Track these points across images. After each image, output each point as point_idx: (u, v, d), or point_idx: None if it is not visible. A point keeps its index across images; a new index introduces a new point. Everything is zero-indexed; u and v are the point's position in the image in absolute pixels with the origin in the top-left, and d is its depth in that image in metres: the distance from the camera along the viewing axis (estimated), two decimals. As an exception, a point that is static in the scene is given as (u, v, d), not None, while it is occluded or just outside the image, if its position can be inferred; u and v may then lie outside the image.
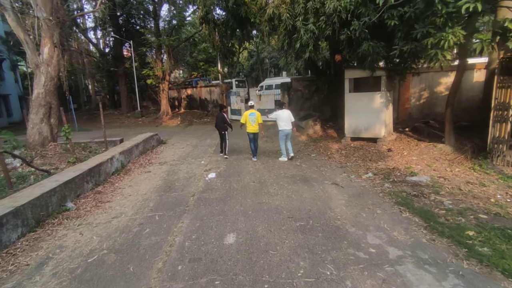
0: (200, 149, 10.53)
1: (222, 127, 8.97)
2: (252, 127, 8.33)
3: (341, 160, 7.76)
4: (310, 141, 10.57)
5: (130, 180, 7.11)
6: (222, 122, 8.97)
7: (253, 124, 8.31)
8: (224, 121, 8.97)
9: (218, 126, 9.04)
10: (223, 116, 9.03)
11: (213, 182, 6.58)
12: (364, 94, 8.81)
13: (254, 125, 8.31)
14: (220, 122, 8.99)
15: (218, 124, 9.04)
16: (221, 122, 8.98)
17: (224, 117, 9.04)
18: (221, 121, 8.98)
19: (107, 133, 17.61)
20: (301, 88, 16.01)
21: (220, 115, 9.11)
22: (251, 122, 8.34)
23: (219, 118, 9.07)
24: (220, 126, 8.99)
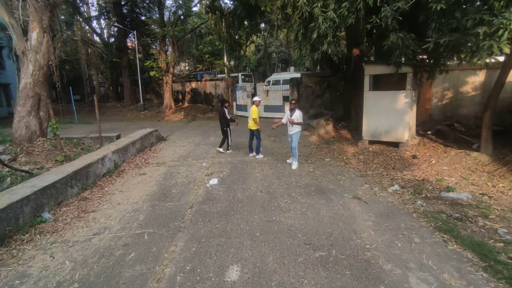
0: (203, 148, 9.71)
1: (222, 123, 8.82)
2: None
3: (359, 167, 6.88)
4: (322, 143, 9.69)
5: (122, 183, 6.31)
6: (223, 118, 8.76)
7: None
8: (224, 117, 8.70)
9: (220, 122, 8.94)
10: (223, 111, 8.77)
11: (215, 190, 5.75)
12: (386, 93, 7.88)
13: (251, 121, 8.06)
14: (221, 118, 8.82)
15: (220, 119, 8.93)
16: (221, 118, 8.81)
17: (225, 112, 8.73)
18: (222, 117, 8.80)
19: (107, 126, 16.98)
20: (312, 84, 15.07)
21: (221, 110, 8.93)
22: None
23: (220, 114, 8.95)
24: (221, 121, 8.88)
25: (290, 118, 6.96)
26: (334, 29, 6.50)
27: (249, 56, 45.69)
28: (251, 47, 41.48)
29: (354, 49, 9.38)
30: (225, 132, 8.77)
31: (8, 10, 7.34)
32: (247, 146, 8.31)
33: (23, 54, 7.62)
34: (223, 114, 8.73)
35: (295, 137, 7.03)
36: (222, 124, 8.80)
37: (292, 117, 6.94)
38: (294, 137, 7.04)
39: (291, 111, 7.03)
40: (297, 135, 7.08)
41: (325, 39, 6.62)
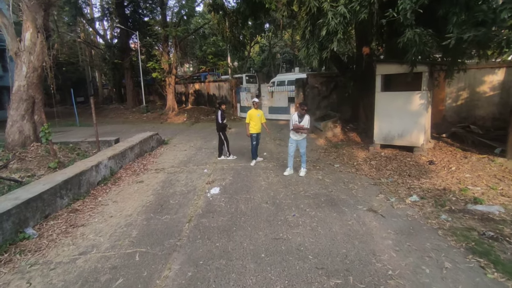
0: (205, 152, 9.27)
1: (217, 127, 8.21)
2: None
3: (372, 174, 6.38)
4: (330, 147, 9.18)
5: (118, 193, 5.89)
6: (216, 121, 8.20)
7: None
8: (216, 121, 8.12)
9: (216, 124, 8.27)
10: (217, 114, 8.14)
11: (216, 200, 5.30)
12: (399, 94, 7.37)
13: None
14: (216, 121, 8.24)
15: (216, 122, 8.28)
16: (216, 121, 8.23)
17: (217, 115, 8.08)
18: (216, 120, 8.22)
19: (108, 129, 16.65)
20: (318, 85, 14.57)
21: (216, 112, 8.32)
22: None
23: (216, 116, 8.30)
24: (217, 124, 8.22)
25: (299, 124, 6.33)
26: (345, 26, 6.02)
27: (253, 57, 45.31)
28: (255, 47, 41.07)
29: (363, 47, 8.86)
30: (219, 138, 8.17)
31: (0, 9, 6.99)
32: (250, 150, 7.84)
33: (16, 55, 7.27)
34: (216, 117, 8.16)
35: (303, 143, 6.50)
36: (217, 129, 8.23)
37: (302, 123, 6.33)
38: (302, 143, 6.48)
39: (300, 116, 6.38)
40: (305, 141, 6.58)
41: (334, 37, 6.14)
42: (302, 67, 43.46)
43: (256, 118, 7.33)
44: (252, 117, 7.36)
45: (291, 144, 6.57)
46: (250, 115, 7.39)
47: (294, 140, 6.52)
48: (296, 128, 6.33)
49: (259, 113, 7.39)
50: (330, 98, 14.21)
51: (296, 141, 6.50)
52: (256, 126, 7.36)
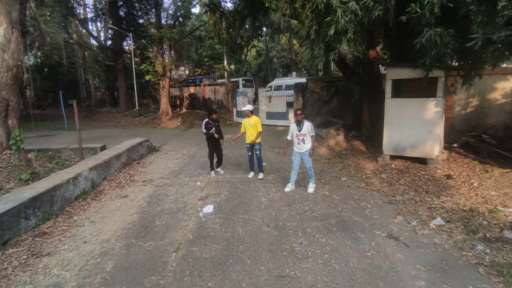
0: (198, 161, 8.54)
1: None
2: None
3: (384, 190, 5.71)
4: (334, 156, 8.52)
5: (97, 210, 5.14)
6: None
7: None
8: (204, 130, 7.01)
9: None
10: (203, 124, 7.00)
11: (210, 221, 4.58)
12: (412, 100, 6.75)
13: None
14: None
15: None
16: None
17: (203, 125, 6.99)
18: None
19: (98, 134, 15.82)
20: (318, 90, 13.97)
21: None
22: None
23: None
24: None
25: (300, 133, 5.64)
26: (356, 24, 5.38)
27: (250, 61, 44.84)
28: (252, 51, 40.61)
29: (370, 50, 8.27)
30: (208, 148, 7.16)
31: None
32: (247, 160, 7.13)
33: (-12, 53, 6.51)
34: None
35: (308, 156, 5.69)
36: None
37: (302, 131, 5.62)
38: (307, 157, 5.67)
39: (298, 124, 5.66)
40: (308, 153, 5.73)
41: (344, 36, 5.50)
42: (299, 71, 43.14)
43: (247, 127, 6.64)
44: (243, 126, 6.71)
45: (294, 158, 5.80)
46: (243, 124, 6.76)
47: (298, 153, 5.72)
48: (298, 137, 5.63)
49: (250, 122, 6.57)
50: (331, 103, 13.61)
51: (300, 153, 5.70)
52: (249, 136, 6.63)
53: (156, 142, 11.88)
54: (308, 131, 5.62)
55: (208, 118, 7.00)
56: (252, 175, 6.80)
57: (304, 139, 5.63)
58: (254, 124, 6.54)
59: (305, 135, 5.61)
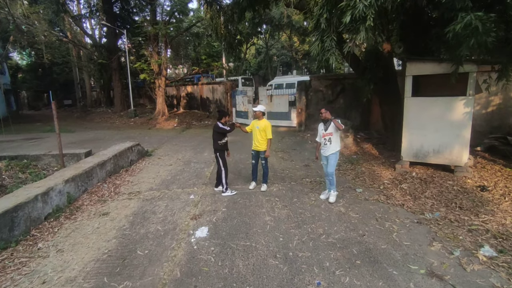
0: (194, 168, 7.69)
1: (213, 147, 5.74)
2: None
3: (409, 205, 4.87)
4: (344, 162, 7.68)
5: (69, 233, 4.29)
6: (215, 137, 5.64)
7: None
8: (218, 137, 5.61)
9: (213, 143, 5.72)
10: (216, 127, 5.63)
11: (203, 250, 3.73)
12: (436, 99, 5.90)
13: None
14: (213, 137, 5.68)
15: (213, 140, 5.70)
16: (213, 137, 5.67)
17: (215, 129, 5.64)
18: (214, 136, 5.66)
19: (90, 136, 14.94)
20: (323, 88, 13.13)
21: (215, 125, 5.69)
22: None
23: (213, 130, 5.72)
24: (214, 143, 5.70)
25: (325, 132, 5.08)
26: (376, 10, 4.53)
27: (249, 59, 43.95)
28: (251, 49, 39.73)
29: (384, 43, 7.42)
30: (217, 161, 5.69)
31: None
32: (248, 167, 6.30)
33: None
34: (217, 133, 5.61)
35: (332, 159, 5.04)
36: (215, 149, 5.71)
37: (328, 130, 5.04)
38: (331, 159, 5.04)
39: (325, 123, 5.14)
40: (335, 156, 5.07)
41: (362, 24, 4.64)
42: (300, 69, 42.25)
43: (254, 130, 5.73)
44: (252, 127, 5.84)
45: (322, 162, 5.35)
46: (252, 124, 5.87)
47: (324, 157, 5.21)
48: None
49: (259, 125, 5.62)
50: (336, 103, 12.77)
51: (326, 157, 5.15)
52: (256, 142, 5.72)
53: (149, 145, 11.04)
54: (336, 130, 5.01)
55: (219, 122, 5.66)
56: (253, 186, 5.95)
57: (331, 138, 5.03)
58: (263, 128, 5.58)
59: (331, 134, 5.02)
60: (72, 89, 34.77)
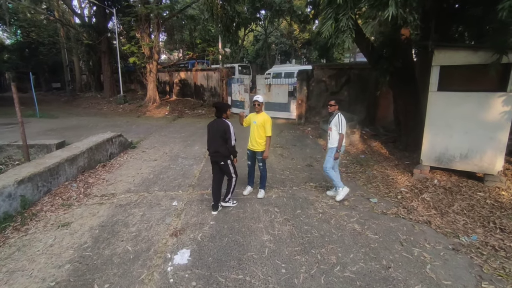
0: (181, 165, 6.75)
1: (219, 151, 4.20)
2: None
3: (436, 222, 4.01)
4: (351, 162, 6.81)
5: (10, 254, 3.35)
6: (221, 139, 4.16)
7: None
8: (224, 139, 4.15)
9: (212, 147, 4.24)
10: (223, 126, 4.15)
11: (182, 285, 2.84)
12: (468, 95, 4.99)
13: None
14: (216, 139, 4.18)
15: (212, 143, 4.24)
16: (218, 139, 4.17)
17: (226, 128, 4.12)
18: (219, 137, 4.16)
19: (73, 123, 13.80)
20: (326, 79, 12.16)
21: (218, 123, 4.22)
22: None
23: (214, 130, 4.21)
24: (215, 147, 4.20)
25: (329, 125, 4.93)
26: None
27: (247, 46, 42.51)
28: (249, 36, 38.29)
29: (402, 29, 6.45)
30: (227, 169, 4.30)
31: None
32: (243, 166, 5.38)
33: None
34: (222, 132, 4.14)
35: (327, 154, 4.88)
36: (217, 155, 4.22)
37: (330, 124, 4.87)
38: (327, 154, 4.90)
39: (331, 116, 4.97)
40: (331, 152, 4.82)
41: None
42: (299, 59, 40.99)
43: (251, 125, 4.76)
44: (248, 121, 4.89)
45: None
46: (248, 118, 4.92)
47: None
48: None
49: (256, 120, 4.65)
50: (340, 95, 11.82)
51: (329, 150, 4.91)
52: (252, 139, 4.75)
53: (135, 135, 10.05)
54: (335, 125, 4.76)
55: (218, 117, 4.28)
56: (249, 191, 5.04)
57: (330, 134, 4.84)
58: (261, 123, 4.60)
59: (331, 129, 4.82)
60: (61, 71, 33.24)
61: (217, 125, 4.22)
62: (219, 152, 4.20)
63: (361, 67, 11.24)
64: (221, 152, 4.20)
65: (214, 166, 4.38)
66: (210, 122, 4.35)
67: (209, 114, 15.61)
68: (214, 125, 4.26)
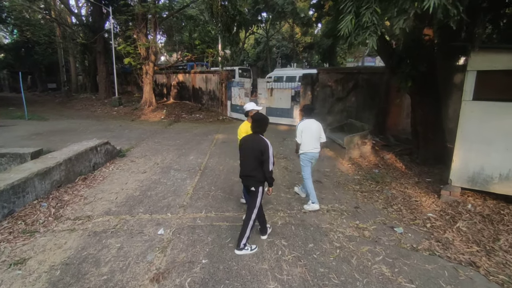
0: (173, 179, 5.96)
1: (252, 176, 3.41)
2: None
3: (484, 265, 3.22)
4: (365, 178, 6.03)
5: None
6: (256, 161, 3.37)
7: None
8: (260, 161, 3.35)
9: (244, 169, 3.49)
10: (261, 145, 3.35)
11: None
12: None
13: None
14: (250, 160, 3.41)
15: (245, 164, 3.49)
16: (252, 160, 3.40)
17: (264, 148, 3.32)
18: (253, 159, 3.39)
19: (62, 125, 12.97)
20: (332, 83, 11.42)
21: (254, 140, 3.44)
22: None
23: (249, 148, 3.44)
24: (248, 170, 3.43)
25: None
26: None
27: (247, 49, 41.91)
28: (250, 38, 37.68)
29: (426, 28, 5.71)
30: (254, 198, 3.44)
31: None
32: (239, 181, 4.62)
33: None
34: (260, 151, 3.33)
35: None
36: (251, 180, 3.44)
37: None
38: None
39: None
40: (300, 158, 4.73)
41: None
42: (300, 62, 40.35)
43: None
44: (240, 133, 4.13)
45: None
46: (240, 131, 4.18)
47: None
48: None
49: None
50: (346, 101, 11.08)
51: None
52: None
53: (126, 141, 9.28)
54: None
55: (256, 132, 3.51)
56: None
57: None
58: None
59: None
60: (57, 72, 32.49)
61: (253, 142, 3.42)
62: (252, 177, 3.41)
63: (371, 71, 10.52)
64: (255, 176, 3.40)
65: (246, 189, 3.80)
66: (245, 137, 3.60)
67: (207, 119, 14.85)
68: (249, 141, 3.48)
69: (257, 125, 3.48)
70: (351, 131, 8.78)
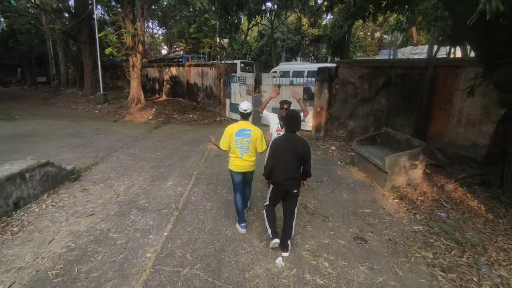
0: (131, 230, 3.75)
1: (296, 178, 3.18)
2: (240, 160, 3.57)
3: None
4: (431, 232, 3.79)
5: None
6: (298, 162, 3.17)
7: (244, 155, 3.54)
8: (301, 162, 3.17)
9: (287, 172, 3.14)
10: (303, 145, 3.14)
11: None
12: None
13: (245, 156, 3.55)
14: (293, 162, 3.14)
15: (287, 167, 3.14)
16: (295, 162, 3.15)
17: (307, 148, 3.15)
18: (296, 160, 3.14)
19: (29, 128, 10.72)
20: (355, 80, 9.13)
21: (293, 140, 3.19)
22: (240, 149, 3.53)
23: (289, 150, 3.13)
24: (292, 172, 3.14)
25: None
26: None
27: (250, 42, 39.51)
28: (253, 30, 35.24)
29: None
30: (296, 199, 3.26)
31: None
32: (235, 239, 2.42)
33: None
34: (303, 152, 3.14)
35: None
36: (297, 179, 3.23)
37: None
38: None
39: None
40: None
41: None
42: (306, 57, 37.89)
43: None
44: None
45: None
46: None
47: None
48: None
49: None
50: (375, 102, 8.80)
51: None
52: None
53: (92, 153, 7.12)
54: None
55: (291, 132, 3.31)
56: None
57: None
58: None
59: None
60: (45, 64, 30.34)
61: (292, 143, 3.17)
62: (295, 179, 3.20)
63: (408, 65, 8.21)
64: (297, 178, 3.22)
65: (277, 196, 3.29)
66: (279, 138, 3.26)
67: (202, 120, 12.62)
68: (287, 143, 3.18)
69: (293, 123, 3.27)
70: (388, 144, 6.54)
